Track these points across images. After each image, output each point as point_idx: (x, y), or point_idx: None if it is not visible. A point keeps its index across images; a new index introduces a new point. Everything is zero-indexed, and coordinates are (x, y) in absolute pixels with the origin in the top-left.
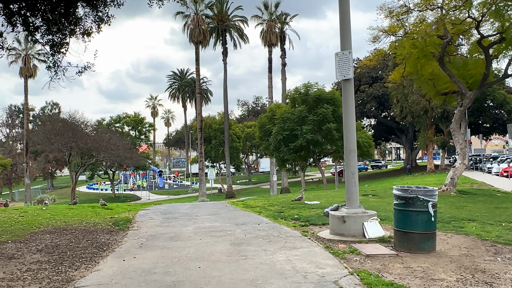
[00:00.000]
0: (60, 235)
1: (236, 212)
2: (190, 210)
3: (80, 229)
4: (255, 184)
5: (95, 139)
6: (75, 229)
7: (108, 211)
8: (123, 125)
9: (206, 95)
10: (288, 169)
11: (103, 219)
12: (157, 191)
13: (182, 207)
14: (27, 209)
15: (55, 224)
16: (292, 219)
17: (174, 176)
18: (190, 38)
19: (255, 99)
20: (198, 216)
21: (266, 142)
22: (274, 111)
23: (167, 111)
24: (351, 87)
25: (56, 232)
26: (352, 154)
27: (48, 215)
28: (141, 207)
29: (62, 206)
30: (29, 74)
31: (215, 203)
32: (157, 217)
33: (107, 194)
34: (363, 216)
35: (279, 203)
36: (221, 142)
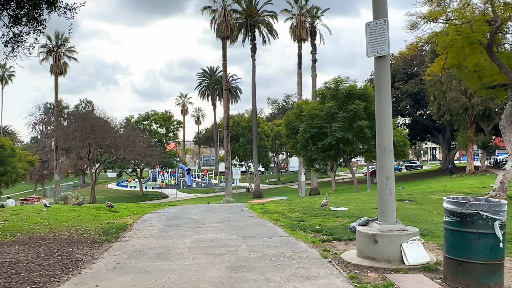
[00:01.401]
0: (32, 246)
1: (249, 220)
2: (200, 215)
3: (62, 238)
4: (284, 183)
5: (114, 136)
6: (55, 239)
7: (110, 215)
8: (151, 122)
9: (235, 92)
10: (317, 169)
11: (97, 224)
12: (184, 189)
13: (194, 210)
14: (27, 210)
15: (36, 232)
16: (313, 230)
17: (203, 175)
18: (217, 33)
19: (285, 97)
20: (205, 223)
21: (293, 140)
22: (301, 107)
23: (197, 109)
24: (386, 66)
25: (29, 243)
26: (387, 153)
27: (39, 218)
28: (150, 209)
29: (65, 207)
30: (60, 71)
31: (233, 206)
32: (158, 223)
33: (135, 192)
34: (401, 235)
35: (301, 209)
36: (249, 140)
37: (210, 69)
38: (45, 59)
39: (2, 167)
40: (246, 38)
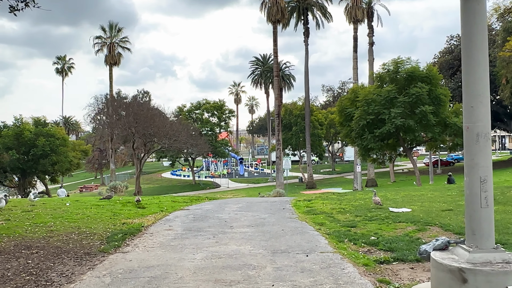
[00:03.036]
0: (6, 259)
1: (288, 223)
2: (233, 215)
3: (53, 246)
4: (339, 173)
5: (157, 125)
6: (44, 247)
7: (134, 212)
8: (202, 111)
9: (288, 80)
10: (373, 160)
11: (110, 226)
12: (237, 179)
13: (230, 207)
14: (48, 206)
15: (30, 236)
16: (367, 242)
17: (256, 164)
18: (267, 17)
19: (340, 84)
20: (233, 227)
21: (347, 128)
22: (356, 92)
23: (250, 98)
24: (480, 9)
25: (7, 253)
26: (481, 142)
27: (48, 217)
28: (184, 204)
29: (92, 201)
30: (114, 61)
31: (275, 202)
32: (179, 226)
33: (188, 181)
34: (506, 272)
35: (353, 209)
36: (302, 128)
37: (263, 57)
38: (100, 50)
39: (54, 156)
40: (298, 22)
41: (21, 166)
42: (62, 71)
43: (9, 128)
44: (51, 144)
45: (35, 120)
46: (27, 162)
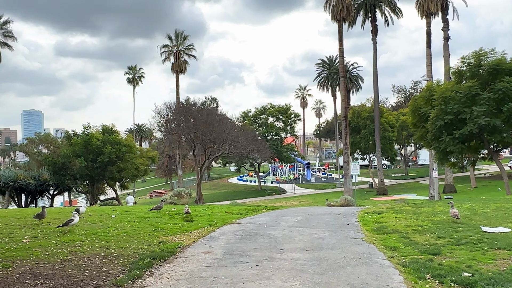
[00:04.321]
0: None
1: (351, 247)
2: (288, 232)
3: (64, 275)
4: (412, 178)
5: (217, 130)
6: (52, 277)
7: (178, 227)
8: (267, 116)
9: (356, 81)
10: (452, 164)
11: (144, 245)
12: (303, 184)
13: (287, 220)
14: (92, 219)
15: (47, 259)
16: (458, 282)
17: (324, 169)
18: (332, 15)
19: (412, 84)
20: (284, 251)
21: (421, 129)
22: (432, 90)
23: (317, 102)
24: None
25: (10, 284)
26: None
27: (80, 234)
28: (238, 216)
29: (140, 211)
30: (180, 69)
31: (339, 215)
32: (219, 249)
33: (254, 186)
34: None
35: (434, 226)
36: (371, 131)
37: (329, 58)
38: (167, 59)
39: (121, 163)
40: (365, 20)
41: (89, 173)
42: (133, 80)
43: (79, 136)
44: (117, 151)
45: (103, 128)
46: (95, 169)
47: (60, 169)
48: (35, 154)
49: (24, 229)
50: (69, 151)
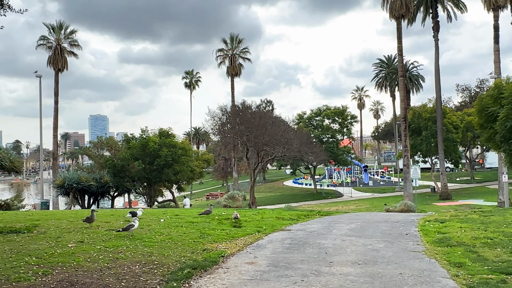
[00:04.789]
0: None
1: (410, 262)
2: (340, 241)
3: (101, 285)
4: (479, 182)
5: (269, 133)
6: (88, 286)
7: (226, 233)
8: (323, 118)
9: (416, 81)
10: None
11: (187, 253)
12: (361, 187)
13: (340, 228)
14: (142, 221)
15: (89, 264)
16: None
17: (382, 172)
18: (390, 13)
19: (478, 82)
20: (333, 264)
21: (489, 130)
22: (501, 88)
23: (375, 103)
24: None
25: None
26: None
27: (126, 239)
28: (289, 222)
29: (190, 215)
30: (235, 72)
31: (397, 223)
32: (264, 260)
33: (310, 190)
34: None
35: (507, 239)
36: (433, 133)
37: (387, 58)
38: (222, 63)
39: (177, 166)
40: (426, 16)
41: (146, 176)
42: (190, 84)
43: (137, 139)
44: (173, 154)
45: (160, 131)
46: (152, 171)
47: (120, 172)
48: (97, 157)
49: (72, 233)
50: (127, 154)
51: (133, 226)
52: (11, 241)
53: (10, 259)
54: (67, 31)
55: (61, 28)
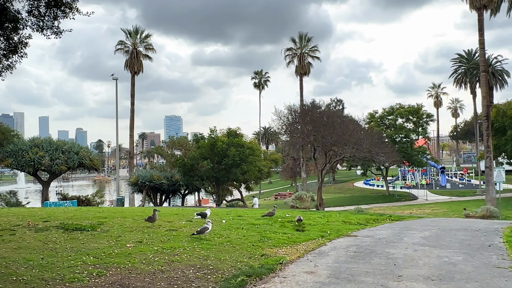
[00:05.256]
0: None
1: (494, 281)
2: (411, 251)
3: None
4: None
5: (337, 133)
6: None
7: (287, 236)
8: (396, 117)
9: (500, 77)
10: None
11: (243, 258)
12: (437, 190)
13: (412, 236)
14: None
15: (143, 267)
16: None
17: (462, 174)
18: (470, 4)
19: None
20: (402, 279)
21: None
22: None
23: (454, 100)
24: None
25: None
26: None
27: (184, 241)
28: (351, 229)
29: (258, 213)
30: (304, 71)
31: (478, 232)
32: (324, 270)
33: (381, 191)
34: None
35: None
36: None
37: (467, 52)
38: (290, 62)
39: (244, 165)
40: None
41: (215, 175)
42: (259, 85)
43: (206, 139)
44: (240, 154)
45: (228, 131)
46: (220, 171)
47: (189, 170)
48: (168, 156)
49: (133, 232)
50: (196, 153)
51: (207, 229)
52: (74, 239)
53: (69, 257)
54: (142, 36)
55: (137, 32)
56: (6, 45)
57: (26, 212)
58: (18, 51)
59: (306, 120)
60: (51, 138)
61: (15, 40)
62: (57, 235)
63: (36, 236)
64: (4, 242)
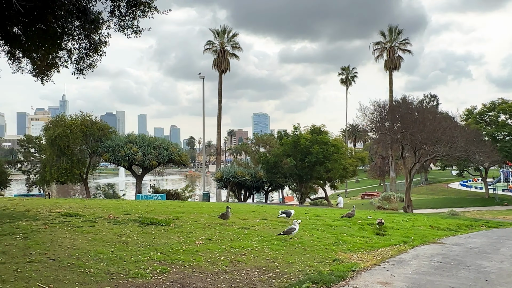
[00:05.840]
0: None
1: None
2: (507, 266)
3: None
4: None
5: (428, 130)
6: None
7: (365, 240)
8: (498, 113)
9: None
10: None
11: (313, 262)
12: None
13: (507, 249)
14: (277, 221)
15: (208, 266)
16: None
17: None
18: None
19: None
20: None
21: None
22: None
23: None
24: None
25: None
26: None
27: (254, 240)
28: (438, 235)
29: (336, 213)
30: (393, 66)
31: None
32: (401, 282)
33: (480, 194)
34: None
35: None
36: None
37: None
38: (379, 56)
39: (328, 163)
40: None
41: (298, 172)
42: (346, 81)
43: (289, 136)
44: (324, 151)
45: (312, 128)
46: (303, 168)
47: (272, 167)
48: (252, 153)
49: (205, 229)
50: (280, 150)
51: (294, 230)
52: (147, 233)
53: (138, 252)
54: (229, 35)
55: (224, 32)
56: (87, 45)
57: (113, 205)
58: (99, 50)
59: (395, 116)
60: (143, 134)
61: (95, 40)
62: (132, 229)
63: (113, 229)
64: (82, 233)
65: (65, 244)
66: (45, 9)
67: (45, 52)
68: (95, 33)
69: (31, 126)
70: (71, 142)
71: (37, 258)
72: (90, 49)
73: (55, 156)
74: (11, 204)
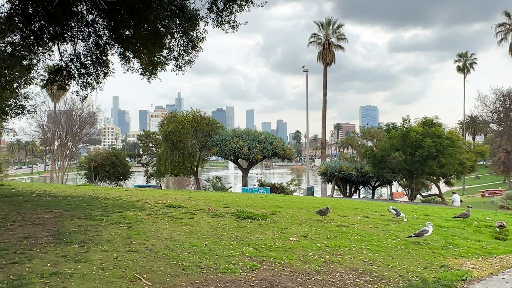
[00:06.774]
0: None
1: None
2: None
3: None
4: None
5: None
6: None
7: (478, 246)
8: None
9: None
10: None
11: (417, 267)
12: None
13: None
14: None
15: (300, 265)
16: None
17: None
18: None
19: None
20: None
21: None
22: None
23: None
24: None
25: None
26: None
27: (355, 239)
28: None
29: (450, 212)
30: None
31: None
32: None
33: None
34: None
35: None
36: None
37: None
38: (503, 39)
39: (442, 158)
40: None
41: (407, 167)
42: (464, 68)
43: (397, 129)
44: (437, 145)
45: (424, 120)
46: (413, 163)
47: (379, 162)
48: (358, 147)
49: (301, 225)
50: (387, 144)
51: (427, 232)
52: (242, 228)
53: (230, 246)
54: (334, 26)
55: (329, 24)
56: (185, 42)
57: (216, 197)
58: (196, 46)
59: None
60: (249, 129)
61: (193, 37)
62: (228, 222)
63: (210, 222)
64: (181, 225)
65: (163, 235)
66: (148, 10)
67: (150, 52)
68: (192, 30)
69: (151, 123)
70: (183, 137)
71: (136, 248)
72: (188, 46)
73: (169, 150)
74: (125, 195)
